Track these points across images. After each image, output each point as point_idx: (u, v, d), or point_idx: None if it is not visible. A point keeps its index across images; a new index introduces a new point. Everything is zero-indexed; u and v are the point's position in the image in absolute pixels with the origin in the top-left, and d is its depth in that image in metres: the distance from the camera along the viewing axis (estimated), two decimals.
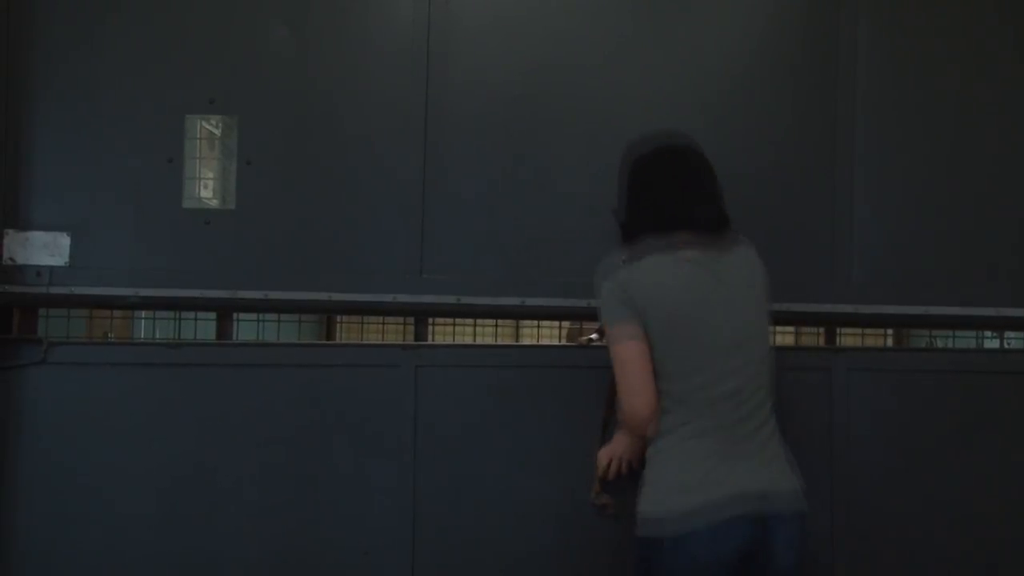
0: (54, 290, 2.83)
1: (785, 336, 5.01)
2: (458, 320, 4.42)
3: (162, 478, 2.87)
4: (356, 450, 2.91)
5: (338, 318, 5.90)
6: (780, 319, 3.03)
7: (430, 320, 3.08)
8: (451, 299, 2.91)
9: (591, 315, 2.97)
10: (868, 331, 5.74)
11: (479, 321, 3.89)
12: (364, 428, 2.91)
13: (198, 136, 2.88)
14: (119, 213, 2.86)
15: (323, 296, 2.89)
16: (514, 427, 2.90)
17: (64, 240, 2.84)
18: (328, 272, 2.90)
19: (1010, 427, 3.01)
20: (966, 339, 4.47)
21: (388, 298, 2.91)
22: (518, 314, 2.99)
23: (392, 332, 5.24)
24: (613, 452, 2.64)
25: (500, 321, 3.44)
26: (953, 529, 3.00)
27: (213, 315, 3.09)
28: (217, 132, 2.90)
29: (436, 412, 2.92)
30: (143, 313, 3.83)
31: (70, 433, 2.85)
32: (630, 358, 2.29)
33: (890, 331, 5.03)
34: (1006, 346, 4.04)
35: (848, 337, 4.86)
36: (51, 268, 2.83)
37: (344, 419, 2.91)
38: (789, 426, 2.87)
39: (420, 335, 3.02)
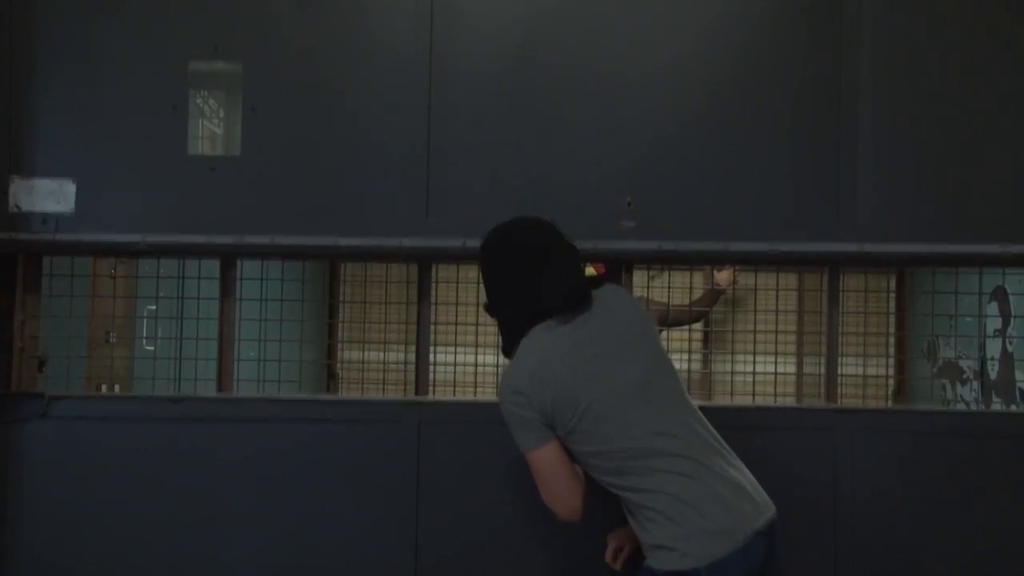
0: (60, 237, 2.84)
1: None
2: (461, 322, 4.44)
3: (164, 532, 2.90)
4: (358, 505, 2.92)
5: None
6: (784, 259, 3.04)
7: (433, 322, 3.09)
8: (457, 243, 2.91)
9: (597, 257, 3.00)
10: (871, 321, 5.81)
11: (482, 324, 3.87)
12: (366, 483, 2.93)
13: (202, 83, 2.88)
14: (124, 160, 2.87)
15: (329, 241, 2.90)
16: (518, 484, 2.89)
17: (70, 187, 2.84)
18: (334, 217, 2.91)
19: (1013, 489, 2.98)
20: (968, 338, 4.50)
21: (394, 242, 2.91)
22: None
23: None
24: (621, 539, 2.62)
25: None
26: None
27: (215, 312, 3.10)
28: (221, 79, 2.89)
29: (438, 468, 2.93)
30: (144, 312, 3.86)
31: (72, 487, 2.89)
32: (542, 465, 2.30)
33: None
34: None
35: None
36: (57, 215, 2.84)
37: (346, 474, 2.92)
38: (792, 486, 2.80)
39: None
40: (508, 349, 2.41)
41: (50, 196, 2.83)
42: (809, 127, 2.98)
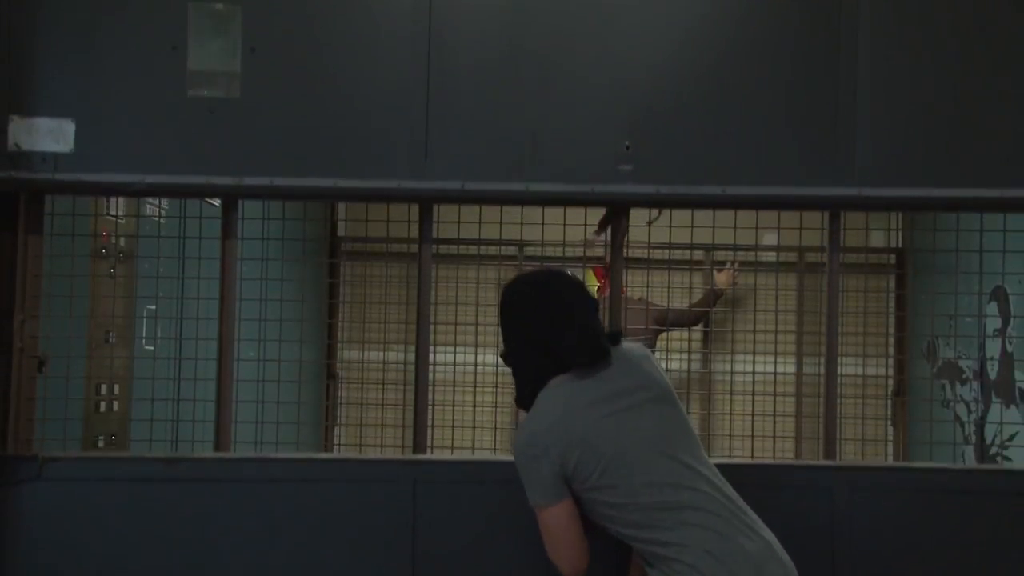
0: (60, 176, 2.85)
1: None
2: (461, 322, 4.43)
3: None
4: (355, 565, 2.90)
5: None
6: (781, 203, 3.04)
7: (433, 322, 3.09)
8: (456, 184, 2.92)
9: (594, 200, 3.00)
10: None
11: (481, 324, 3.87)
12: (363, 542, 2.91)
13: (202, 23, 2.90)
14: (124, 101, 2.88)
15: (328, 182, 2.90)
16: (515, 543, 2.86)
17: (69, 127, 2.85)
18: (333, 159, 2.91)
19: (1013, 547, 2.94)
20: (968, 338, 4.49)
21: (393, 184, 2.91)
22: (522, 200, 2.99)
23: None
24: None
25: None
26: None
27: (215, 312, 3.08)
28: (221, 19, 2.91)
29: (436, 526, 2.91)
30: (144, 312, 3.86)
31: (67, 549, 2.87)
32: (553, 522, 2.27)
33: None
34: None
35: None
36: (56, 155, 2.84)
37: (343, 533, 2.91)
38: (791, 545, 2.79)
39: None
40: (522, 399, 2.38)
41: (49, 135, 2.84)
42: (808, 71, 2.99)
